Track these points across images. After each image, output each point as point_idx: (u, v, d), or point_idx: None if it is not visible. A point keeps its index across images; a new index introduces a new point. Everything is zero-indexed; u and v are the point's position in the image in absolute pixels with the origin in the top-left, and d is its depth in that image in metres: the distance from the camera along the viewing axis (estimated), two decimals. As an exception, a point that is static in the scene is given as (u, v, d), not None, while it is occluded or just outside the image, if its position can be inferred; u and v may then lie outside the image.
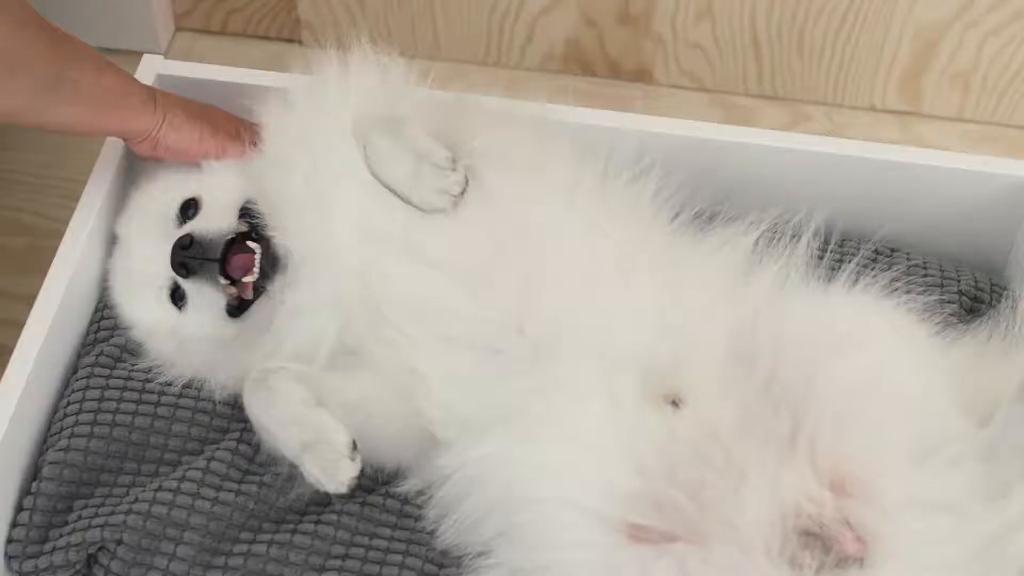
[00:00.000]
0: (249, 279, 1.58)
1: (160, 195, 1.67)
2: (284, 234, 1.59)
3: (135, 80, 1.64)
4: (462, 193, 1.58)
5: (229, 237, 1.59)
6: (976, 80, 2.26)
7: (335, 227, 1.58)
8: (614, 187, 1.63)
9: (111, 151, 1.77)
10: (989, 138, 2.28)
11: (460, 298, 1.56)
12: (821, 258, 1.62)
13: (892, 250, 1.74)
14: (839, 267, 1.60)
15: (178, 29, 2.47)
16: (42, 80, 1.51)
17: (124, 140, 1.67)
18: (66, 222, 1.73)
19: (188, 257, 1.57)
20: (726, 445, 1.49)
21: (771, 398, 1.51)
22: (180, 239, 1.57)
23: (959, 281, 1.73)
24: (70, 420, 1.63)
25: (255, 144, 1.66)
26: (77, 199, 1.76)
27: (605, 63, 2.37)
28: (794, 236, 1.62)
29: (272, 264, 1.59)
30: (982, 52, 2.22)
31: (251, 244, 1.59)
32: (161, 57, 1.88)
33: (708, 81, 2.35)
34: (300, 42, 2.46)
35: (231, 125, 1.68)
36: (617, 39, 2.32)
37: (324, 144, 1.62)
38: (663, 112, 2.26)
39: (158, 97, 1.63)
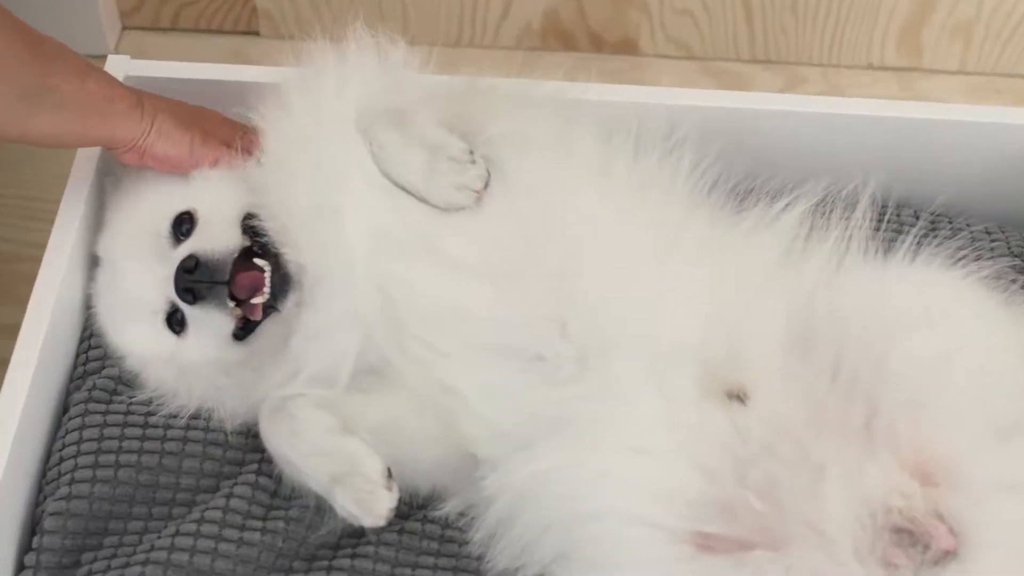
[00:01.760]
0: (259, 300, 1.43)
1: (147, 210, 1.51)
2: (294, 248, 1.45)
3: (120, 84, 1.48)
4: (485, 187, 1.44)
5: (236, 255, 1.43)
6: (978, 31, 2.17)
7: (349, 236, 1.44)
8: (647, 167, 1.50)
9: (83, 166, 1.62)
10: (993, 89, 2.20)
11: (492, 302, 1.43)
12: (877, 230, 1.49)
13: (949, 218, 1.62)
14: (896, 239, 1.48)
15: (125, 28, 2.32)
16: (23, 88, 1.37)
17: (109, 149, 1.51)
18: (29, 244, 1.58)
19: (195, 282, 1.41)
20: (798, 439, 1.37)
21: (840, 384, 1.40)
22: (184, 262, 1.42)
23: (1008, 243, 1.62)
24: (68, 464, 1.47)
25: (250, 150, 1.51)
26: (39, 219, 1.62)
27: (587, 36, 2.25)
28: (846, 208, 1.49)
29: (283, 282, 1.44)
30: (983, 1, 2.13)
31: (259, 261, 1.44)
32: (127, 57, 1.72)
33: (697, 48, 2.24)
34: (258, 34, 2.31)
35: (224, 130, 1.53)
36: (599, 9, 2.20)
37: (327, 145, 1.48)
38: (651, 84, 2.13)
39: (145, 102, 1.48)
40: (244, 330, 1.47)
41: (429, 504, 1.48)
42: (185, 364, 1.49)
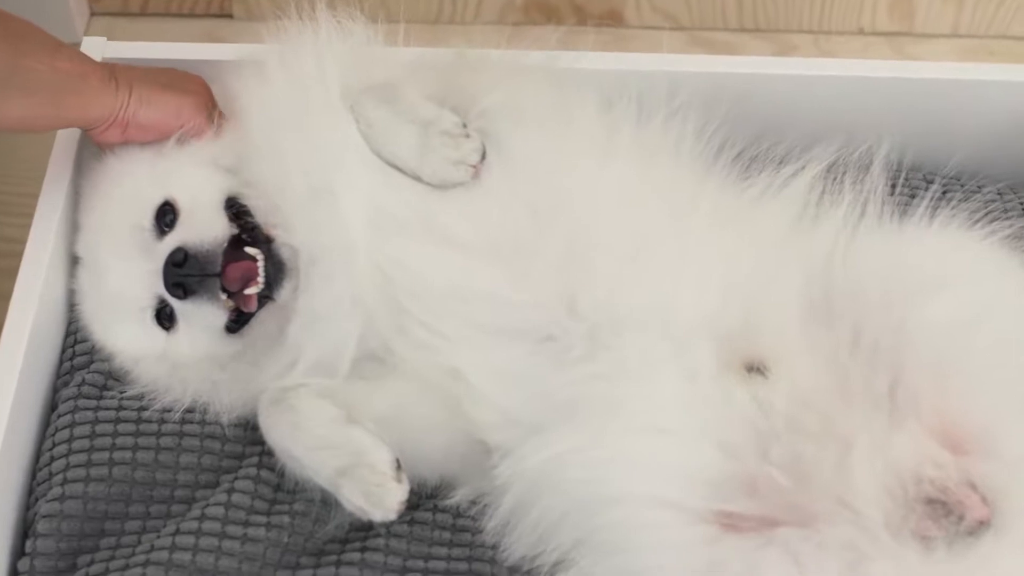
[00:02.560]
0: (253, 290, 1.37)
1: (125, 203, 1.44)
2: (287, 232, 1.38)
3: (90, 59, 1.41)
4: (481, 161, 1.39)
5: (225, 245, 1.37)
6: (971, -8, 2.12)
7: (346, 217, 1.38)
8: (651, 134, 1.44)
9: (62, 156, 1.55)
10: (987, 51, 2.16)
11: (496, 281, 1.37)
12: (891, 193, 1.44)
13: (963, 180, 1.57)
14: (910, 202, 1.43)
15: (93, 14, 2.25)
16: None
17: (87, 129, 1.43)
18: (3, 239, 1.50)
19: (185, 276, 1.34)
20: (822, 411, 1.32)
21: (862, 352, 1.35)
22: (172, 255, 1.35)
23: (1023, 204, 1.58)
24: (60, 463, 1.41)
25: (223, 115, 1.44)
26: (11, 212, 1.54)
27: (570, 8, 2.19)
28: (858, 171, 1.44)
29: (277, 270, 1.38)
30: (976, -39, 2.08)
31: (250, 250, 1.37)
32: (104, 39, 1.65)
33: (684, 18, 2.18)
34: (232, 16, 2.24)
35: (204, 91, 1.46)
36: (582, -20, 2.14)
37: (315, 121, 1.42)
38: (639, 56, 2.08)
39: (118, 74, 1.40)
40: (237, 322, 1.41)
41: (439, 493, 1.42)
42: (177, 360, 1.43)
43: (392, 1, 2.12)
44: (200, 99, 1.44)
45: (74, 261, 1.50)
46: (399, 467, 1.32)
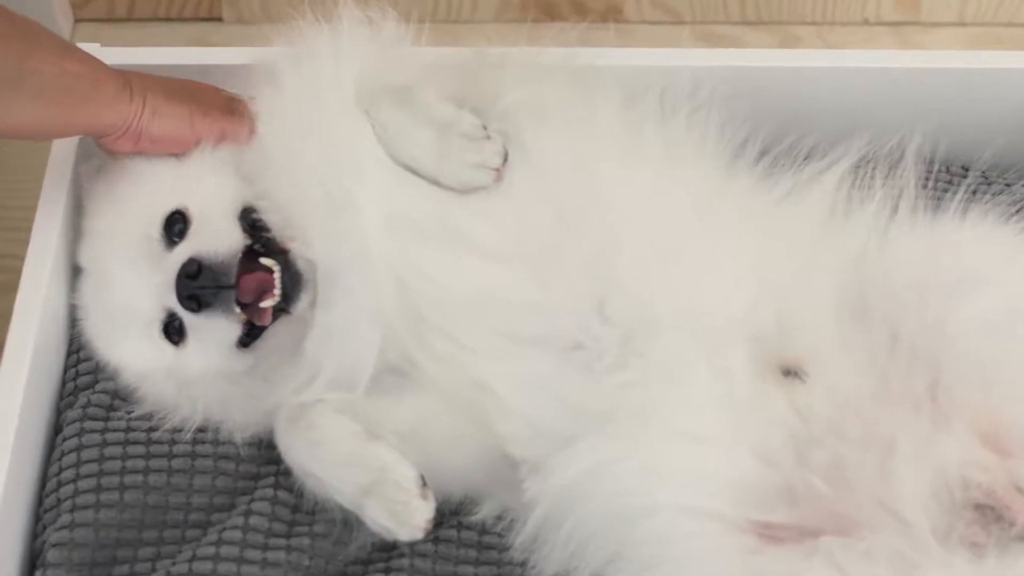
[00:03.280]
0: (269, 303, 1.31)
1: (133, 211, 1.38)
2: (304, 243, 1.33)
3: (103, 64, 1.34)
4: (503, 163, 1.34)
5: (240, 255, 1.31)
6: (977, -21, 2.08)
7: (366, 226, 1.32)
8: (676, 131, 1.39)
9: (59, 166, 1.49)
10: (994, 39, 2.12)
11: (521, 288, 1.32)
12: (924, 187, 1.39)
13: (997, 173, 1.53)
14: (944, 196, 1.39)
15: (78, 20, 2.18)
16: (2, 73, 1.23)
17: (97, 138, 1.37)
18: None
19: (200, 288, 1.29)
20: (862, 414, 1.28)
21: (900, 352, 1.31)
22: (185, 266, 1.29)
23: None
24: (68, 489, 1.35)
25: (249, 121, 1.39)
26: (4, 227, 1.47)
27: (569, 4, 2.15)
28: (890, 165, 1.40)
29: (294, 282, 1.32)
30: (982, -52, 2.05)
31: (266, 261, 1.32)
32: (97, 45, 1.58)
33: (685, 12, 2.14)
34: (221, 19, 2.18)
35: (221, 100, 1.40)
36: (581, -25, 2.09)
37: (333, 128, 1.36)
38: (640, 52, 2.03)
39: (133, 81, 1.34)
40: (249, 336, 1.35)
41: (463, 509, 1.37)
42: (186, 376, 1.37)
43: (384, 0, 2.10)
44: (215, 110, 1.37)
45: (76, 272, 1.44)
46: (424, 484, 1.27)
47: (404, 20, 1.46)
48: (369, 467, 1.27)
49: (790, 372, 1.31)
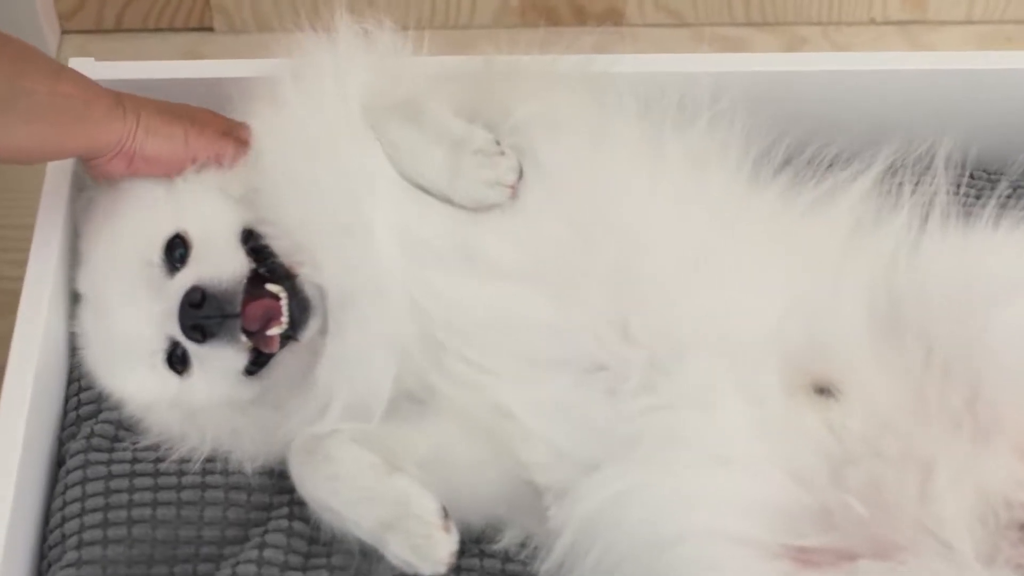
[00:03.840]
0: (276, 331, 1.26)
1: (131, 236, 1.33)
2: (314, 267, 1.28)
3: (95, 83, 1.30)
4: (519, 180, 1.29)
5: (244, 281, 1.26)
6: (985, -24, 2.05)
7: (380, 249, 1.28)
8: (697, 142, 1.34)
9: (55, 188, 1.44)
10: (1004, 37, 2.09)
11: (543, 309, 1.27)
12: (955, 194, 1.35)
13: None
14: (975, 203, 1.35)
15: (65, 32, 2.13)
16: None
17: (88, 161, 1.32)
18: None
19: (204, 318, 1.24)
20: (900, 433, 1.24)
21: (935, 367, 1.27)
22: (188, 295, 1.24)
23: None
24: (73, 524, 1.30)
25: (246, 144, 1.33)
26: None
27: (569, 8, 2.11)
28: (919, 172, 1.35)
29: (301, 308, 1.27)
30: (990, -55, 2.01)
31: (272, 287, 1.26)
32: (91, 60, 1.53)
33: (688, 14, 2.10)
34: (212, 29, 2.13)
35: (218, 121, 1.35)
36: (581, -21, 2.05)
37: (338, 146, 1.31)
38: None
39: (125, 101, 1.29)
40: (256, 363, 1.30)
41: (485, 537, 1.32)
42: (192, 406, 1.33)
43: (382, 5, 2.05)
44: (210, 130, 1.32)
45: (74, 298, 1.39)
46: (447, 515, 1.22)
47: (401, 27, 1.42)
48: (389, 501, 1.22)
49: (822, 390, 1.27)
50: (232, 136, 1.34)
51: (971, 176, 1.45)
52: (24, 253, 1.44)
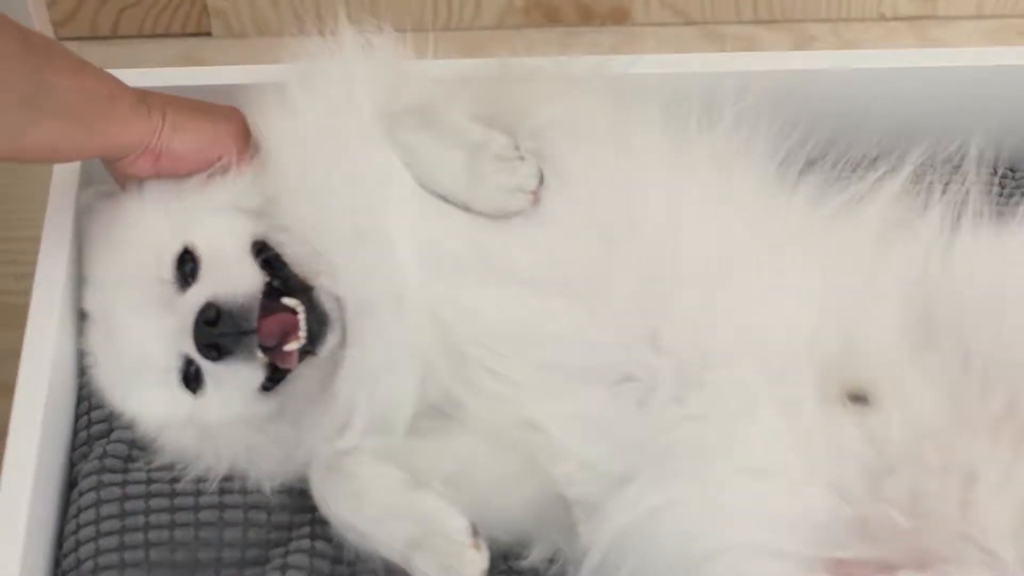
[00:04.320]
0: (294, 346, 1.22)
1: (140, 252, 1.29)
2: (331, 279, 1.24)
3: (118, 80, 1.26)
4: (540, 185, 1.25)
5: (260, 296, 1.22)
6: (995, -30, 2.02)
7: (400, 259, 1.24)
8: (721, 143, 1.31)
9: (60, 206, 1.39)
10: (1015, 31, 2.07)
11: (569, 319, 1.24)
12: (988, 193, 1.32)
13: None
14: (1009, 201, 1.32)
15: (59, 39, 2.07)
16: (18, 88, 1.15)
17: (113, 161, 1.28)
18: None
19: (220, 336, 1.20)
20: (938, 440, 1.21)
21: (973, 372, 1.24)
22: (203, 312, 1.20)
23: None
24: (88, 549, 1.26)
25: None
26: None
27: (574, 8, 2.07)
28: (951, 171, 1.32)
29: (320, 322, 1.23)
30: (1001, -62, 1.99)
31: (288, 301, 1.23)
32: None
33: (695, 13, 2.07)
34: (210, 34, 2.09)
35: (237, 116, 1.32)
36: (586, -23, 2.02)
37: (352, 152, 1.27)
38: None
39: (149, 98, 1.26)
40: (272, 379, 1.26)
41: (512, 553, 1.28)
42: (207, 425, 1.29)
43: (383, 7, 2.01)
44: (237, 127, 1.29)
45: (82, 316, 1.34)
46: (476, 533, 1.19)
47: (403, 29, 1.38)
48: (417, 519, 1.19)
49: (858, 398, 1.24)
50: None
51: (1001, 175, 1.41)
52: (25, 266, 1.41)
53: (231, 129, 1.29)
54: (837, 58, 1.44)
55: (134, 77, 1.45)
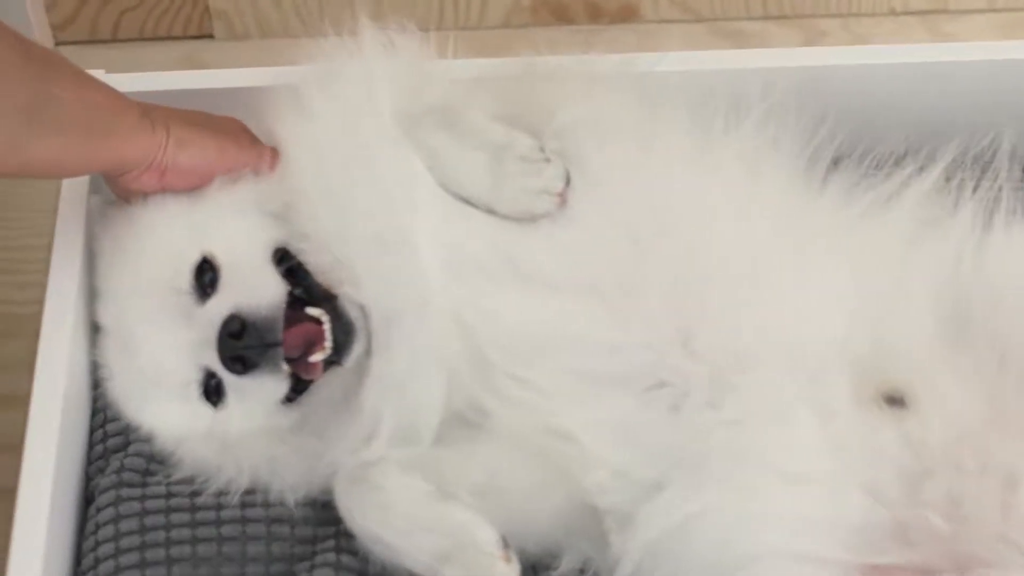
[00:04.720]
0: (319, 356, 1.19)
1: (154, 263, 1.26)
2: (355, 287, 1.21)
3: (121, 94, 1.23)
4: (566, 187, 1.22)
5: (284, 306, 1.20)
6: (1007, -37, 2.00)
7: (423, 264, 1.21)
8: (749, 142, 1.28)
9: (70, 215, 1.36)
10: (1027, 24, 2.03)
11: (598, 323, 1.21)
12: (1020, 188, 1.30)
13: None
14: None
15: (58, 43, 2.06)
16: (21, 101, 1.12)
17: (116, 177, 1.25)
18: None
19: (246, 348, 1.17)
20: (976, 442, 1.19)
21: (1010, 371, 1.22)
22: (227, 323, 1.17)
23: None
24: (108, 566, 1.23)
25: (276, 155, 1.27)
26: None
27: (583, 6, 2.05)
28: (979, 168, 1.30)
29: (345, 331, 1.21)
30: (1012, -69, 1.97)
31: (312, 311, 1.20)
32: (102, 71, 1.45)
33: (705, 9, 2.05)
34: (213, 36, 2.06)
35: (244, 130, 1.29)
36: (594, -26, 2.00)
37: (373, 156, 1.25)
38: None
39: (152, 112, 1.23)
40: (295, 390, 1.23)
41: (541, 564, 1.25)
42: (228, 437, 1.26)
43: (387, 7, 1.98)
44: (241, 139, 1.26)
45: (95, 328, 1.31)
46: (506, 545, 1.16)
47: (406, 29, 1.35)
48: (445, 531, 1.16)
49: (894, 400, 1.21)
50: (263, 145, 1.27)
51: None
52: (28, 276, 1.38)
53: (234, 141, 1.26)
54: (863, 54, 1.41)
55: (135, 81, 1.44)
